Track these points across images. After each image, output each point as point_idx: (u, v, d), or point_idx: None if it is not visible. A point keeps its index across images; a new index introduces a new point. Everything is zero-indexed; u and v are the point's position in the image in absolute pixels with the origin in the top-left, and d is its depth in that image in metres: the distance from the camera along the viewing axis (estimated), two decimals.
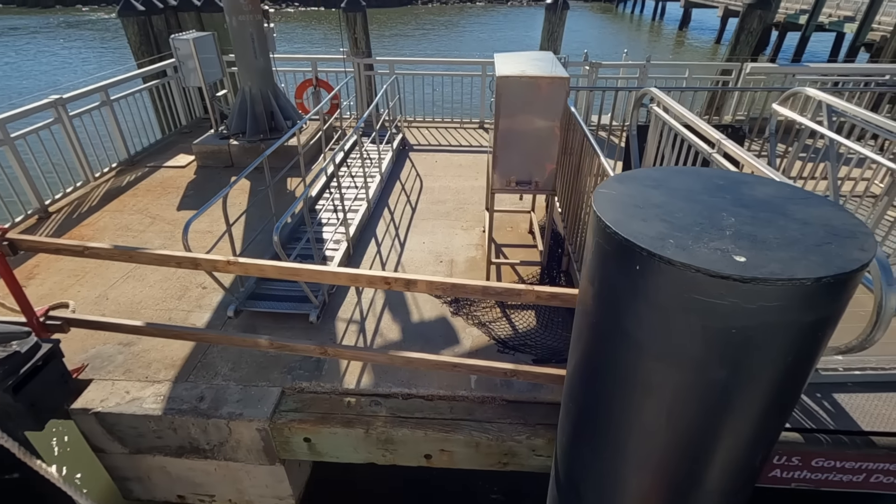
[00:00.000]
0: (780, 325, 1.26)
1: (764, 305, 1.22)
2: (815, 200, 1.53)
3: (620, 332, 1.51)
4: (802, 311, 1.24)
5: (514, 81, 3.22)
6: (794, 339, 1.31)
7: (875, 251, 1.27)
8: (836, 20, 23.60)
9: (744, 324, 1.26)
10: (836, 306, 1.28)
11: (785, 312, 1.23)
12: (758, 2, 7.65)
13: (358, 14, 7.67)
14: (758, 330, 1.28)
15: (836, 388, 2.77)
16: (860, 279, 1.28)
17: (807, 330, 1.30)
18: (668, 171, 1.75)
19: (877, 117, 3.44)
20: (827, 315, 1.29)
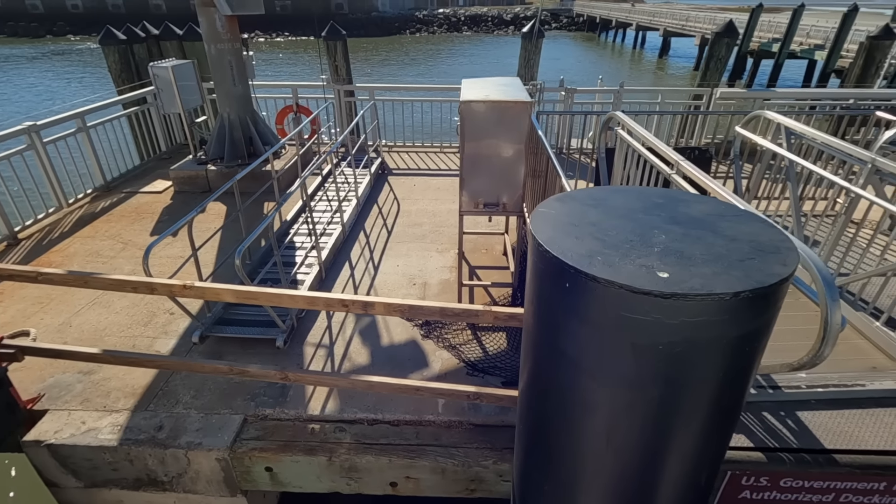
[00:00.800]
0: (705, 340, 1.27)
1: (686, 321, 1.23)
2: (746, 217, 1.56)
3: (558, 351, 1.50)
4: (726, 326, 1.24)
5: (477, 106, 3.28)
6: (722, 355, 1.31)
7: (795, 266, 1.28)
8: (807, 48, 24.53)
9: (669, 340, 1.26)
10: (760, 320, 1.29)
11: (708, 328, 1.24)
12: (725, 31, 7.94)
13: (338, 42, 7.82)
14: (683, 346, 1.28)
15: (800, 405, 2.77)
16: (782, 293, 1.29)
17: (734, 345, 1.30)
18: (608, 191, 1.78)
19: (830, 138, 3.55)
20: (753, 329, 1.30)
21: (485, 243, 5.19)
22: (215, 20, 5.84)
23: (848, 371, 2.94)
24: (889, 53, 8.27)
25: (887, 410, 2.73)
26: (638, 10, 48.73)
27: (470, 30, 58.34)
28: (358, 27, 55.75)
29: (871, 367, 2.97)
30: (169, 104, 6.40)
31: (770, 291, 1.22)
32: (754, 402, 2.78)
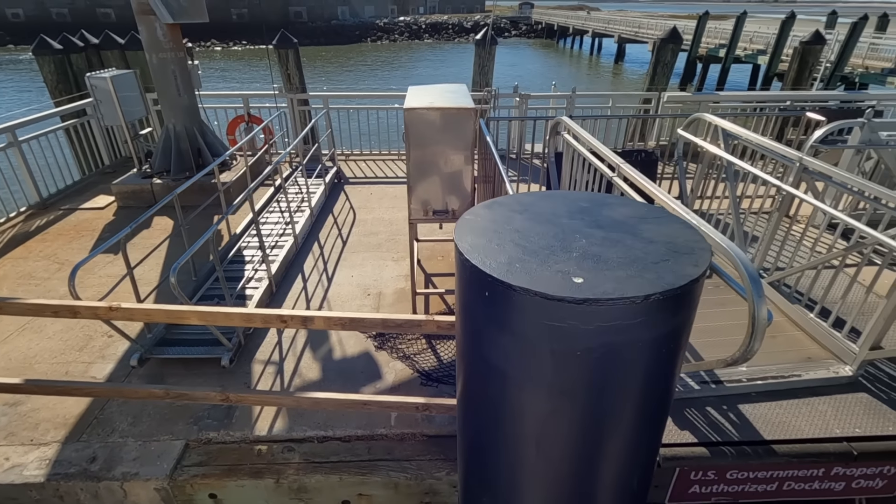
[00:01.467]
0: (621, 344, 1.26)
1: (602, 326, 1.22)
2: (667, 219, 1.58)
3: (483, 360, 1.48)
4: (640, 329, 1.24)
5: (421, 113, 3.26)
6: (640, 357, 1.31)
7: (706, 267, 1.30)
8: (751, 53, 25.78)
9: (587, 345, 1.26)
10: (675, 321, 1.30)
11: (623, 332, 1.24)
12: (669, 37, 8.24)
13: (289, 50, 7.69)
14: (601, 351, 1.27)
15: (742, 398, 2.84)
16: (695, 294, 1.31)
17: (651, 347, 1.31)
18: (536, 196, 1.78)
19: (761, 139, 3.70)
20: (668, 330, 1.30)
21: (441, 250, 5.17)
22: (155, 28, 5.64)
23: (786, 363, 3.05)
24: (820, 57, 8.75)
25: (821, 399, 2.84)
26: (593, 17, 50.15)
27: (431, 37, 58.68)
28: (318, 35, 55.24)
29: (807, 358, 3.09)
30: (109, 116, 6.13)
31: (681, 293, 1.23)
32: (699, 397, 2.84)
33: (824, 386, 2.92)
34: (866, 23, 18.33)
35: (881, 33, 22.84)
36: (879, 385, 2.95)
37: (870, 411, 2.76)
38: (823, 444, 2.58)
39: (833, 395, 2.87)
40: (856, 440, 2.59)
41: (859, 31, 18.03)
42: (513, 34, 64.30)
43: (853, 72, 19.32)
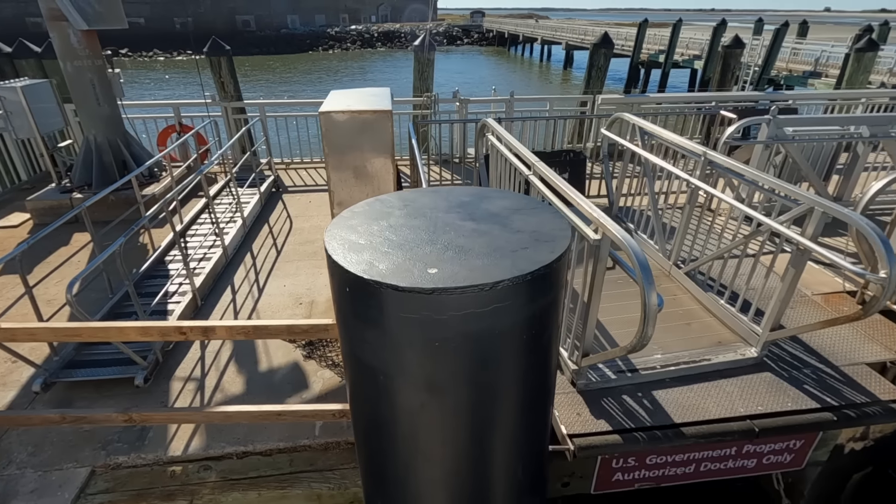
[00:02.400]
0: (478, 333, 1.27)
1: (454, 315, 1.22)
2: (540, 210, 1.61)
3: (356, 358, 1.46)
4: (495, 317, 1.25)
5: (337, 117, 3.22)
6: (501, 346, 1.32)
7: (562, 254, 1.32)
8: (688, 58, 27.13)
9: (443, 336, 1.25)
10: (533, 308, 1.31)
11: (477, 320, 1.24)
12: (601, 42, 8.54)
13: (222, 58, 7.48)
14: (457, 341, 1.27)
15: (656, 385, 2.93)
16: (552, 280, 1.33)
17: (510, 334, 1.32)
18: (420, 192, 1.78)
19: (672, 136, 3.87)
20: (527, 317, 1.32)
21: None
22: (69, 35, 5.35)
23: (698, 348, 3.18)
24: (741, 60, 9.28)
25: (729, 380, 2.97)
26: (542, 25, 51.52)
27: (384, 46, 58.64)
28: (267, 44, 54.18)
29: (718, 342, 3.23)
30: (21, 129, 5.76)
31: (532, 279, 1.25)
32: (615, 386, 2.91)
33: (732, 368, 3.06)
34: (787, 29, 19.64)
35: (802, 39, 24.55)
36: (782, 364, 3.11)
37: (772, 389, 2.90)
38: (728, 423, 2.69)
39: (740, 375, 3.01)
40: (757, 417, 2.72)
41: (781, 37, 19.29)
42: (465, 42, 65.17)
43: (778, 74, 20.64)
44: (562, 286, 1.42)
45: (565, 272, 1.41)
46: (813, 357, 3.18)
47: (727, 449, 3.02)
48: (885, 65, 17.09)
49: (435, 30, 66.45)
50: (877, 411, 2.78)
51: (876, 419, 2.78)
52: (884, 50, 18.26)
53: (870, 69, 9.24)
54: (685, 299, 3.70)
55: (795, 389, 2.91)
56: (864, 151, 5.18)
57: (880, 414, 2.77)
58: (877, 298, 2.38)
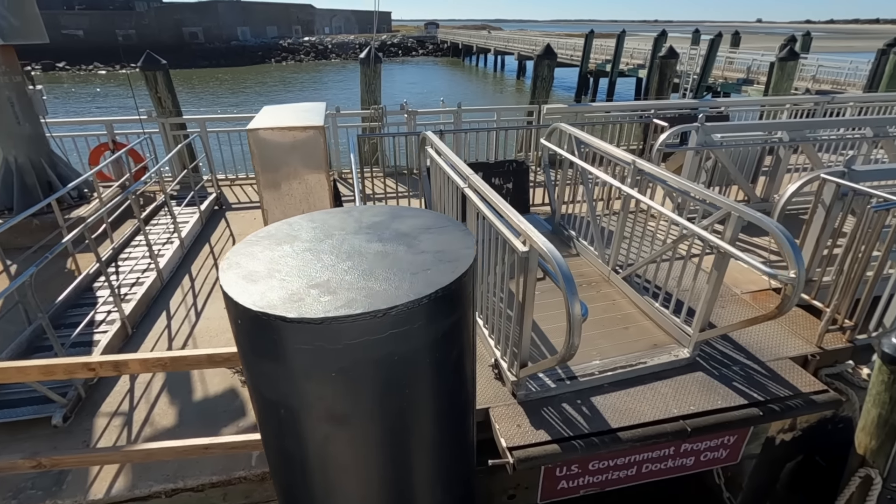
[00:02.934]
0: (377, 360, 1.23)
1: (349, 344, 1.18)
2: (449, 228, 1.59)
3: (256, 390, 1.39)
4: (393, 343, 1.22)
5: (264, 134, 3.13)
6: (404, 372, 1.30)
7: (462, 274, 1.31)
8: (633, 67, 28.28)
9: (340, 365, 1.21)
10: (434, 330, 1.29)
11: (374, 347, 1.21)
12: (544, 53, 8.77)
13: (158, 72, 7.20)
14: (357, 370, 1.23)
15: (595, 391, 2.98)
16: (454, 300, 1.31)
17: (413, 358, 1.29)
18: (331, 213, 1.73)
19: (603, 145, 3.99)
20: (430, 340, 1.30)
21: None
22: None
23: (635, 352, 3.25)
24: (676, 69, 9.70)
25: (663, 382, 3.05)
26: (494, 36, 52.56)
27: (338, 57, 58.26)
28: (217, 56, 52.82)
29: (654, 345, 3.32)
30: None
31: (431, 301, 1.23)
32: (555, 395, 2.93)
33: (667, 369, 3.14)
34: (721, 40, 20.81)
35: (735, 49, 26.08)
36: (713, 363, 3.23)
37: (703, 388, 3.00)
38: (663, 424, 2.76)
39: (674, 377, 3.10)
40: (690, 417, 2.80)
41: (716, 48, 20.42)
42: (420, 53, 65.65)
43: (715, 82, 21.81)
44: (468, 305, 1.41)
45: (470, 291, 1.40)
46: (742, 354, 3.32)
47: (665, 449, 3.09)
48: (809, 72, 18.35)
49: (389, 41, 66.68)
50: (799, 403, 2.91)
51: (798, 411, 2.92)
52: (807, 59, 19.66)
53: (793, 77, 9.88)
54: (624, 304, 3.79)
55: (725, 387, 3.02)
56: (786, 155, 5.51)
57: (802, 406, 2.91)
58: (788, 297, 2.50)
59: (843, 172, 3.49)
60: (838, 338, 3.47)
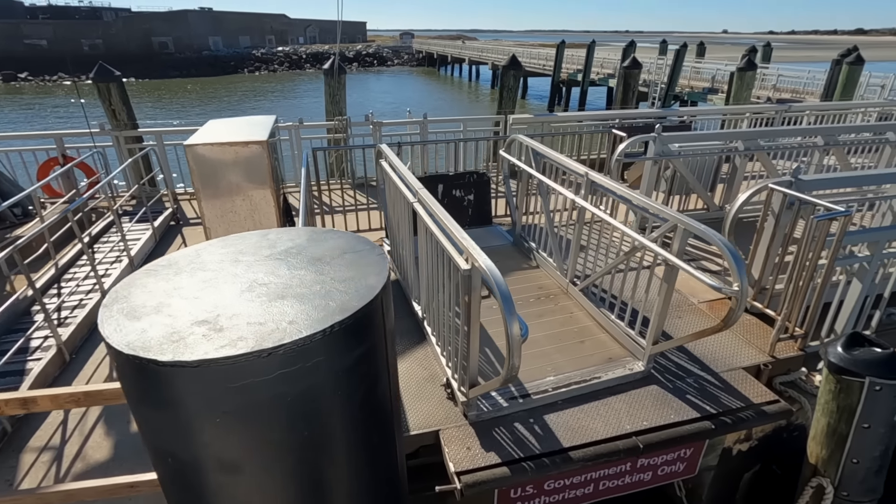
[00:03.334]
0: (269, 401, 1.14)
1: (232, 387, 1.08)
2: (366, 252, 1.51)
3: (143, 436, 1.28)
4: (285, 383, 1.13)
5: (202, 150, 3.01)
6: (304, 410, 1.20)
7: (367, 303, 1.23)
8: (603, 77, 28.83)
9: (223, 409, 1.11)
10: (336, 364, 1.20)
11: (261, 388, 1.11)
12: (510, 64, 8.82)
13: (111, 84, 6.97)
14: (246, 412, 1.13)
15: (548, 409, 2.92)
16: (353, 335, 1.23)
17: (313, 397, 1.20)
18: (244, 237, 1.63)
19: (558, 156, 3.97)
20: (333, 374, 1.21)
21: None
22: None
23: (590, 366, 3.21)
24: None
25: (618, 397, 3.01)
26: (469, 46, 53.05)
27: (313, 67, 57.90)
28: (187, 66, 51.98)
29: (609, 359, 3.28)
30: None
31: (327, 336, 1.14)
32: (507, 414, 2.86)
33: (622, 384, 3.11)
34: (686, 50, 21.38)
35: (700, 59, 26.84)
36: (668, 375, 3.20)
37: (657, 402, 2.97)
38: (615, 441, 2.71)
39: (629, 391, 3.06)
40: (642, 433, 2.76)
41: (681, 58, 20.97)
42: (395, 62, 65.81)
43: (682, 91, 22.36)
44: (379, 334, 1.32)
45: (381, 319, 1.31)
46: (696, 365, 3.31)
47: (622, 465, 3.04)
48: (770, 81, 18.98)
49: (364, 51, 66.67)
50: (750, 415, 2.90)
51: (750, 423, 2.91)
52: (768, 68, 20.33)
53: (751, 86, 10.16)
54: (581, 316, 3.76)
55: (679, 400, 2.99)
56: (742, 163, 5.61)
57: (753, 417, 2.90)
58: (732, 310, 2.49)
59: (791, 182, 3.54)
60: (790, 346, 3.49)
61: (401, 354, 3.41)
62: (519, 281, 4.24)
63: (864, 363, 2.67)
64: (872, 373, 2.64)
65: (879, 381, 2.61)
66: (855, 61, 11.32)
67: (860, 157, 7.05)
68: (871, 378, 2.63)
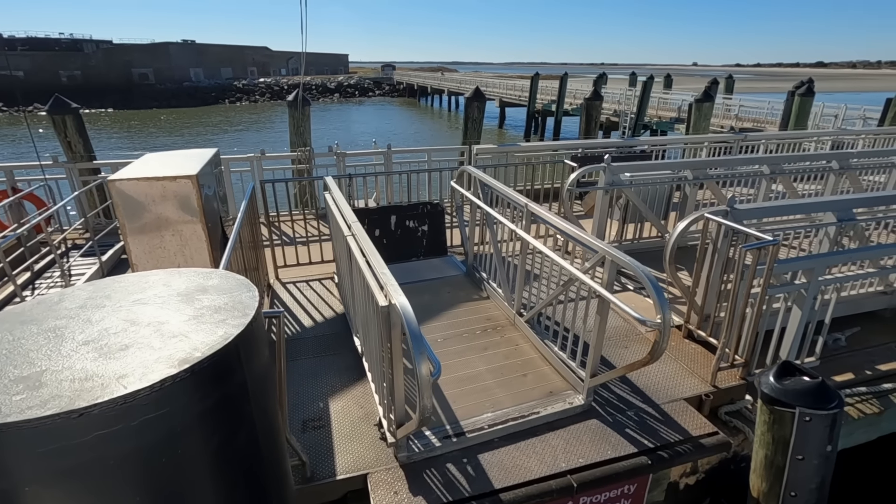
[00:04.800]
0: (82, 469, 1.04)
1: (36, 454, 0.99)
2: (240, 296, 1.44)
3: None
4: (103, 446, 1.04)
5: (123, 186, 2.94)
6: (134, 477, 1.11)
7: (220, 348, 1.16)
8: (576, 107, 29.63)
9: (26, 477, 1.02)
10: (168, 420, 1.12)
11: (71, 453, 1.02)
12: (473, 96, 9.00)
13: (67, 116, 6.88)
14: (58, 485, 1.04)
15: (483, 447, 2.82)
16: (200, 384, 1.15)
17: (138, 461, 1.11)
18: (126, 278, 1.56)
19: (503, 188, 3.99)
20: (161, 436, 1.12)
21: None
22: None
23: (530, 400, 3.13)
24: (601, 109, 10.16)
25: (556, 433, 2.93)
26: (448, 78, 54.42)
27: None
28: (167, 97, 52.08)
29: (549, 392, 3.22)
30: None
31: (155, 392, 1.06)
32: (440, 454, 2.76)
33: (561, 419, 3.04)
34: (653, 82, 22.19)
35: (668, 90, 27.88)
36: (609, 408, 3.15)
37: (595, 438, 2.90)
38: (549, 481, 2.62)
39: (568, 426, 2.99)
40: (578, 471, 2.68)
41: (649, 89, 21.73)
42: (377, 93, 66.90)
43: (651, 121, 23.10)
44: (227, 385, 1.24)
45: (236, 367, 1.24)
46: (638, 397, 3.26)
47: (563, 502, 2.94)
48: (732, 111, 19.73)
49: (346, 82, 67.71)
50: (688, 448, 2.85)
51: (687, 457, 2.85)
52: (732, 99, 21.17)
53: (709, 117, 10.52)
54: (526, 349, 3.70)
55: (617, 434, 2.93)
56: (692, 192, 5.72)
57: (691, 451, 2.85)
58: (657, 343, 2.46)
59: (727, 211, 3.60)
60: (733, 375, 3.48)
61: (339, 392, 3.30)
62: (468, 312, 4.19)
63: (794, 393, 2.66)
64: (802, 403, 2.62)
65: (808, 411, 2.60)
66: (805, 93, 11.85)
67: (812, 183, 7.28)
68: (801, 408, 2.61)
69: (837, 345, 4.29)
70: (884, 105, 12.95)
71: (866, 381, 3.88)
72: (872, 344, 4.27)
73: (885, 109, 12.65)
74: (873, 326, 4.48)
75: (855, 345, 4.28)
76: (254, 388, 1.34)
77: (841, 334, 4.35)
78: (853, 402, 3.72)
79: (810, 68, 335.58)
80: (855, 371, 3.95)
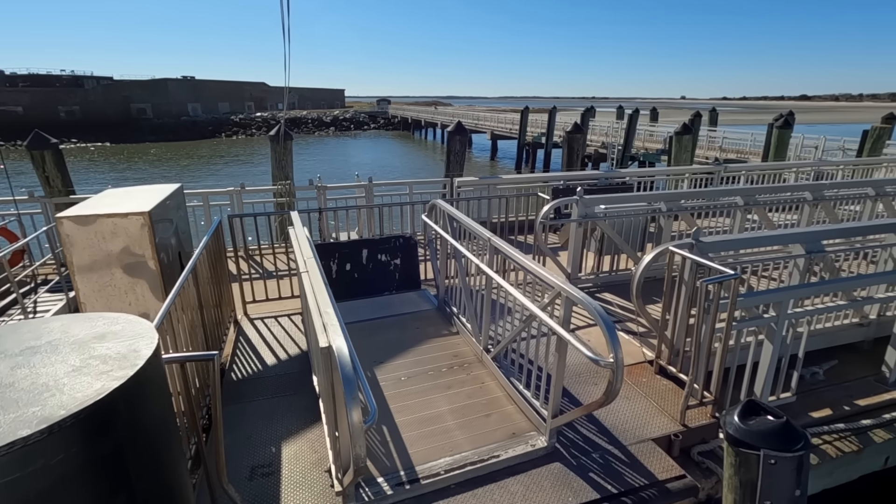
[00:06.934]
0: None
1: None
2: (139, 337, 1.37)
3: None
4: None
5: (70, 224, 2.88)
6: None
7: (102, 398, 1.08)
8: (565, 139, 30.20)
9: None
10: (20, 486, 1.03)
11: None
12: (455, 130, 9.12)
13: (45, 151, 6.89)
14: None
15: (438, 494, 2.68)
16: (64, 441, 1.06)
17: None
18: (20, 325, 1.48)
19: (470, 223, 3.96)
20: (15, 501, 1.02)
21: None
22: None
23: (491, 443, 3.00)
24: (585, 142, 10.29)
25: (516, 478, 2.80)
26: (441, 112, 55.56)
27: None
28: (165, 132, 52.76)
29: (512, 434, 3.09)
30: None
31: (14, 449, 0.97)
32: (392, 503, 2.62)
33: (523, 462, 2.90)
34: (638, 115, 22.72)
35: (654, 123, 28.50)
36: (574, 450, 3.02)
37: (556, 483, 2.76)
38: None
39: (529, 470, 2.85)
40: None
41: (635, 122, 22.21)
42: (372, 127, 68.08)
43: (638, 152, 23.50)
44: (102, 442, 1.15)
45: (123, 417, 1.16)
46: (604, 438, 3.14)
47: None
48: (716, 143, 20.11)
49: (342, 116, 68.96)
50: (652, 494, 2.72)
51: (651, 503, 2.71)
52: (716, 131, 21.61)
53: (689, 148, 10.69)
54: (492, 387, 3.59)
55: (581, 480, 2.80)
56: (667, 223, 5.72)
57: (655, 497, 2.71)
58: (611, 383, 2.38)
59: (692, 244, 3.56)
60: (704, 413, 3.37)
61: (293, 435, 3.16)
62: (435, 349, 4.08)
63: (758, 434, 2.55)
64: (766, 444, 2.51)
65: (773, 453, 2.48)
66: (783, 125, 12.10)
67: (790, 213, 7.32)
68: (765, 450, 2.50)
69: (815, 379, 4.19)
70: (861, 136, 13.23)
71: (844, 417, 3.77)
72: (851, 377, 4.18)
73: (863, 140, 12.91)
74: (852, 358, 4.39)
75: (833, 378, 4.18)
76: (143, 443, 1.25)
77: (819, 368, 4.26)
78: (831, 439, 3.60)
79: (794, 101, 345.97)
80: (833, 406, 3.84)
